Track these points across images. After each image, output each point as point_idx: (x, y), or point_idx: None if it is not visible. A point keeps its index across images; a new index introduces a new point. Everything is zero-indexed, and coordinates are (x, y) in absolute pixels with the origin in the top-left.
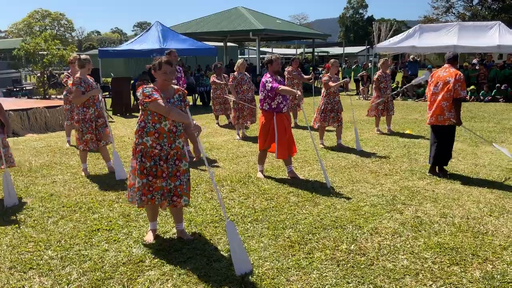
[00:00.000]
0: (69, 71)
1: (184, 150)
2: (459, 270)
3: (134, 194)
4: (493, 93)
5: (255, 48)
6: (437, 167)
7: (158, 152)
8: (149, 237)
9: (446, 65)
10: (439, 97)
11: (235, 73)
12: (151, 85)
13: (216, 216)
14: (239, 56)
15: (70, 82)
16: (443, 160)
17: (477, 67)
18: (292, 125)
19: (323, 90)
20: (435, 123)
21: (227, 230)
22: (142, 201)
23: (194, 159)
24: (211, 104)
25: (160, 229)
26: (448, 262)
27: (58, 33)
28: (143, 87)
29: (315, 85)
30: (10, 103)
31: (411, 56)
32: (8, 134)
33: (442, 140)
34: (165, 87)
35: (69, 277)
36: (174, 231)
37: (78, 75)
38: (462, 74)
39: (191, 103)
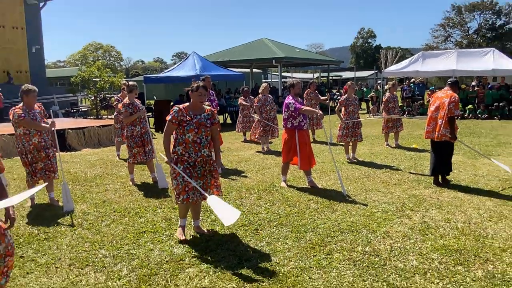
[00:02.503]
0: (119, 95)
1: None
2: (463, 270)
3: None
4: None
5: (277, 73)
6: (440, 177)
7: (186, 159)
8: (179, 234)
9: (446, 88)
10: (437, 115)
11: (260, 95)
12: (185, 104)
13: (245, 221)
14: (263, 80)
15: (119, 105)
16: (444, 170)
17: (476, 89)
18: (311, 140)
19: (342, 109)
20: (433, 138)
21: (209, 203)
22: (179, 199)
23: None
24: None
25: (195, 233)
26: (453, 262)
27: (108, 62)
28: (175, 106)
29: (330, 105)
30: (69, 123)
31: (419, 79)
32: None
33: (441, 153)
34: (196, 106)
35: (120, 273)
36: (205, 226)
37: (127, 99)
38: (457, 96)
39: (221, 121)
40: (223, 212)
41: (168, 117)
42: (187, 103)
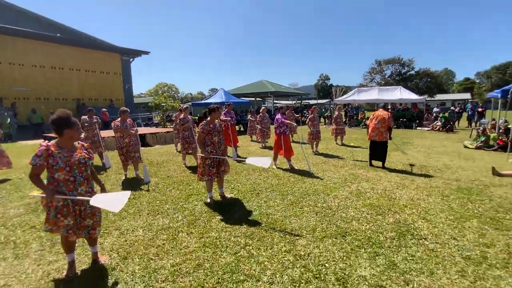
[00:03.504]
0: (176, 113)
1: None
2: (381, 218)
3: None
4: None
5: (271, 100)
6: (374, 162)
7: (214, 154)
8: (210, 200)
9: (381, 109)
10: (379, 126)
11: (261, 113)
12: (207, 119)
13: (251, 188)
14: (262, 105)
15: (178, 120)
16: (381, 159)
17: (389, 110)
18: (291, 140)
19: (310, 123)
20: (378, 140)
21: (249, 161)
22: (203, 178)
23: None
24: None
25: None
26: (375, 213)
27: (170, 94)
28: (202, 122)
29: (302, 120)
30: (148, 129)
31: (356, 105)
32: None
33: (382, 148)
34: (214, 120)
35: (177, 218)
36: (226, 192)
37: (182, 115)
38: (390, 114)
39: (237, 129)
40: (260, 162)
41: (200, 130)
42: (208, 118)
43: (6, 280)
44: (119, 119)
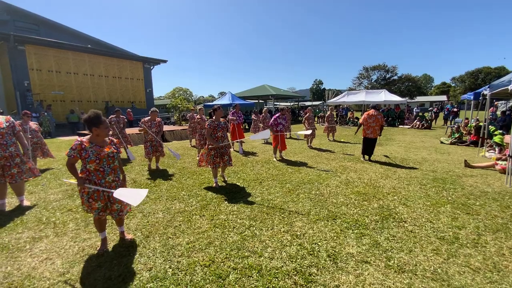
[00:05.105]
0: (190, 113)
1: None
2: (367, 203)
3: (203, 163)
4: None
5: (271, 102)
6: (366, 157)
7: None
8: (215, 184)
9: (372, 110)
10: (374, 124)
11: (263, 114)
12: (212, 118)
13: (255, 177)
14: (264, 106)
15: (192, 118)
16: (370, 154)
17: (380, 111)
18: (288, 136)
19: (306, 122)
20: (371, 137)
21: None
22: (208, 166)
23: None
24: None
25: (224, 184)
26: (361, 199)
27: (185, 97)
28: (209, 120)
29: (299, 119)
30: (166, 127)
31: (346, 106)
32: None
33: (372, 144)
34: (219, 119)
35: (191, 203)
36: (234, 181)
37: (198, 116)
38: (382, 114)
39: (242, 127)
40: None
41: (207, 126)
42: (214, 117)
43: (48, 254)
44: (149, 117)
